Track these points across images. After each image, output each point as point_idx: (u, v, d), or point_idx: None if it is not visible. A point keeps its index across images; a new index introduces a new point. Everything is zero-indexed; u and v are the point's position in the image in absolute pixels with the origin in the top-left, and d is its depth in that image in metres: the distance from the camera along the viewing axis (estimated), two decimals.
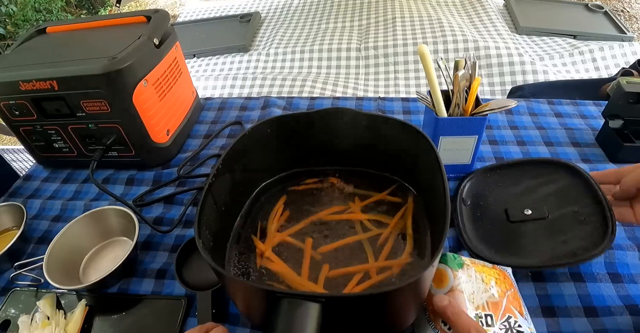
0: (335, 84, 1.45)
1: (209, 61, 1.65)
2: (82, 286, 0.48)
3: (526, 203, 0.53)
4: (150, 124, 0.64)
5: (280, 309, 0.32)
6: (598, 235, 0.47)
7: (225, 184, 0.47)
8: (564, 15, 1.70)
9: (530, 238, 0.50)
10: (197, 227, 0.39)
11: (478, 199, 0.57)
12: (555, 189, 0.54)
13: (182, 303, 0.49)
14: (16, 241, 0.55)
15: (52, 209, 0.66)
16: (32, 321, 0.48)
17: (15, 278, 0.54)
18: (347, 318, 0.36)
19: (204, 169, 0.69)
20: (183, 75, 0.74)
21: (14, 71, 0.60)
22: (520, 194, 0.55)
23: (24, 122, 0.65)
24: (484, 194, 0.58)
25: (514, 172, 0.59)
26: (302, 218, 0.51)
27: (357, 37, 1.66)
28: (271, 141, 0.53)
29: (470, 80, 0.55)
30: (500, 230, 0.52)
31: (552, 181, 0.55)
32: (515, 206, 0.53)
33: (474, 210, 0.56)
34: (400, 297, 0.36)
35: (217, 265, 0.34)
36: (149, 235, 0.59)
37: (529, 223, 0.51)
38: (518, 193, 0.56)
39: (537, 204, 0.53)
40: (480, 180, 0.60)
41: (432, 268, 0.34)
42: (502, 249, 0.50)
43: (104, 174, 0.70)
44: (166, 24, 0.69)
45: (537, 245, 0.49)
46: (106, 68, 0.56)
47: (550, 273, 0.49)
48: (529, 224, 0.51)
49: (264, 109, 0.81)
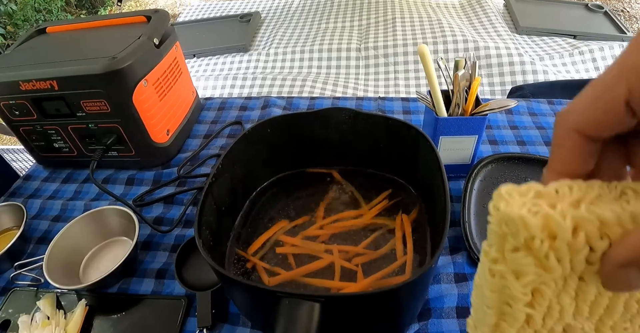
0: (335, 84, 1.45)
1: (209, 61, 1.65)
2: (82, 286, 0.48)
3: None
4: (150, 124, 0.64)
5: (280, 309, 0.32)
6: None
7: (225, 184, 0.47)
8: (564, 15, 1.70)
9: None
10: (197, 227, 0.39)
11: (487, 189, 0.56)
12: None
13: (182, 303, 0.49)
14: (16, 241, 0.55)
15: (52, 209, 0.66)
16: (32, 321, 0.48)
17: (15, 278, 0.54)
18: (347, 318, 0.36)
19: (204, 169, 0.69)
20: (183, 75, 0.74)
21: (14, 71, 0.60)
22: None
23: (24, 122, 0.65)
24: (495, 184, 0.57)
25: (531, 166, 0.59)
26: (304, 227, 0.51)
27: (357, 37, 1.66)
28: (271, 141, 0.53)
29: (470, 80, 0.55)
30: None
31: None
32: None
33: (482, 199, 0.55)
34: (400, 296, 0.36)
35: (217, 265, 0.34)
36: (149, 235, 0.59)
37: None
38: None
39: None
40: (495, 168, 0.59)
41: (432, 268, 0.34)
42: None
43: (104, 174, 0.70)
44: (166, 24, 0.69)
45: None
46: (106, 68, 0.56)
47: None
48: None
49: (264, 109, 0.81)
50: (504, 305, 0.19)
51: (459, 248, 0.52)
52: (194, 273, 0.51)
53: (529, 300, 0.18)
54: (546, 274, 0.17)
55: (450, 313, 0.45)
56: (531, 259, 0.17)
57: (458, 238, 0.53)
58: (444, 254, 0.52)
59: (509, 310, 0.19)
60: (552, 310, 0.19)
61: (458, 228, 0.54)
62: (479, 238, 0.51)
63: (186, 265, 0.52)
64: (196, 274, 0.51)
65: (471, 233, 0.52)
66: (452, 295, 0.46)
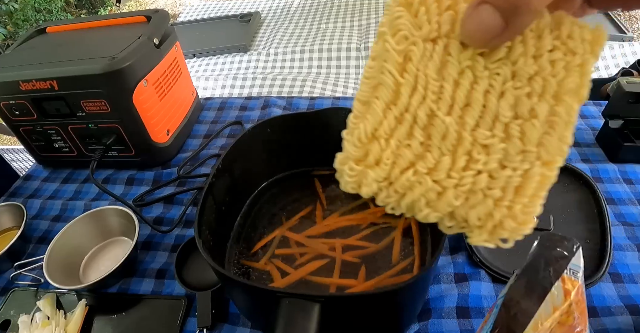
0: (335, 84, 1.45)
1: (209, 61, 1.65)
2: (82, 286, 0.48)
3: None
4: (150, 124, 0.64)
5: (280, 309, 0.32)
6: (594, 264, 0.47)
7: (225, 184, 0.47)
8: None
9: (529, 247, 0.49)
10: (197, 227, 0.39)
11: None
12: (567, 201, 0.53)
13: (182, 303, 0.49)
14: (16, 241, 0.55)
15: (52, 209, 0.66)
16: (32, 321, 0.48)
17: (15, 278, 0.54)
18: (347, 318, 0.36)
19: (204, 169, 0.69)
20: (183, 75, 0.74)
21: (14, 71, 0.60)
22: None
23: (24, 122, 0.65)
24: None
25: None
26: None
27: (357, 37, 1.66)
28: (271, 141, 0.53)
29: None
30: None
31: (566, 191, 0.55)
32: None
33: None
34: (400, 296, 0.36)
35: (217, 265, 0.34)
36: (149, 235, 0.59)
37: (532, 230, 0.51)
38: None
39: (544, 213, 0.52)
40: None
41: (432, 268, 0.34)
42: (500, 253, 0.49)
43: (104, 174, 0.70)
44: (166, 24, 0.69)
45: None
46: (106, 68, 0.56)
47: None
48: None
49: (264, 109, 0.81)
50: (379, 74, 0.21)
51: (459, 248, 0.52)
52: (194, 273, 0.51)
53: (401, 63, 0.20)
54: (416, 32, 0.20)
55: (450, 313, 0.45)
56: (406, 16, 0.20)
57: (458, 238, 0.53)
58: (444, 254, 0.52)
59: (382, 78, 0.20)
60: (418, 86, 0.20)
61: None
62: None
63: (186, 265, 0.52)
64: (196, 274, 0.51)
65: None
66: (452, 295, 0.46)
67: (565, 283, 0.29)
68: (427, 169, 0.20)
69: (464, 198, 0.20)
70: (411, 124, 0.20)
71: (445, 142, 0.20)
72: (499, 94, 0.19)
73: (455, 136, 0.20)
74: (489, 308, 0.45)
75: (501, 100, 0.19)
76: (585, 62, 0.19)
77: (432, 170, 0.20)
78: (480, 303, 0.45)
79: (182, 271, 0.51)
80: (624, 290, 0.47)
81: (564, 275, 0.29)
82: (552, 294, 0.28)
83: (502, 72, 0.19)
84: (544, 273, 0.29)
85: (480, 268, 0.49)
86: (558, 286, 0.29)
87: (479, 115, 0.20)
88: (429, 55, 0.20)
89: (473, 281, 0.47)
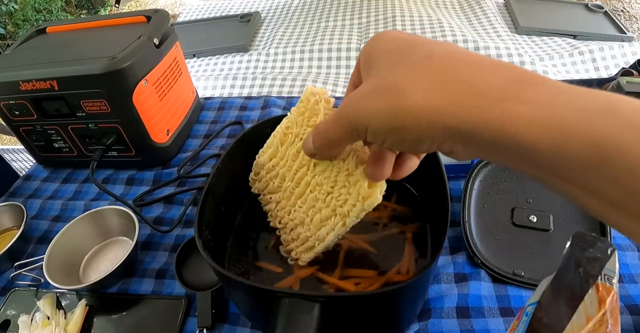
0: (335, 84, 1.44)
1: (209, 61, 1.65)
2: (82, 286, 0.49)
3: (534, 207, 0.52)
4: (150, 124, 0.64)
5: (280, 309, 0.32)
6: None
7: (225, 184, 0.47)
8: (564, 15, 1.70)
9: (528, 247, 0.49)
10: (197, 227, 0.39)
11: (488, 189, 0.56)
12: (567, 201, 0.52)
13: (182, 303, 0.49)
14: (16, 241, 0.55)
15: (52, 209, 0.66)
16: (32, 321, 0.48)
17: (15, 278, 0.54)
18: (347, 318, 0.36)
19: (204, 169, 0.69)
20: (183, 75, 0.74)
21: (14, 71, 0.60)
22: (530, 194, 0.54)
23: (24, 122, 0.65)
24: (495, 184, 0.56)
25: None
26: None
27: (357, 36, 1.66)
28: None
29: None
30: (502, 231, 0.52)
31: None
32: (522, 209, 0.53)
33: (482, 199, 0.55)
34: (400, 296, 0.36)
35: (217, 265, 0.34)
36: (149, 235, 0.59)
37: (531, 231, 0.51)
38: (529, 191, 0.54)
39: (544, 213, 0.52)
40: (495, 168, 0.58)
41: (432, 268, 0.34)
42: (500, 254, 0.50)
43: (104, 174, 0.70)
44: (166, 24, 0.69)
45: (533, 256, 0.48)
46: (106, 68, 0.56)
47: None
48: (530, 232, 0.51)
49: (264, 109, 0.81)
50: (274, 138, 0.42)
51: (459, 248, 0.52)
52: (194, 273, 0.51)
53: (282, 137, 0.40)
54: (295, 129, 0.38)
55: (450, 313, 0.45)
56: (300, 111, 0.37)
57: (458, 238, 0.53)
58: (444, 254, 0.52)
59: (274, 140, 0.42)
60: (284, 159, 0.40)
61: (458, 228, 0.53)
62: (479, 238, 0.51)
63: (186, 265, 0.52)
64: (196, 274, 0.51)
65: (471, 233, 0.52)
66: (452, 295, 0.46)
67: (600, 290, 0.27)
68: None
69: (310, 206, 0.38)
70: (277, 171, 0.41)
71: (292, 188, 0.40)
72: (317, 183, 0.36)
73: (292, 188, 0.39)
74: (489, 309, 0.45)
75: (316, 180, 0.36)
76: (351, 208, 0.33)
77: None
78: (480, 303, 0.45)
79: (182, 271, 0.51)
80: (624, 290, 0.47)
81: (598, 282, 0.27)
82: (584, 304, 0.27)
83: (324, 173, 0.35)
84: (574, 274, 0.28)
85: (480, 268, 0.49)
86: (592, 295, 0.27)
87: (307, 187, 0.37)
88: (293, 142, 0.38)
89: (473, 282, 0.47)
